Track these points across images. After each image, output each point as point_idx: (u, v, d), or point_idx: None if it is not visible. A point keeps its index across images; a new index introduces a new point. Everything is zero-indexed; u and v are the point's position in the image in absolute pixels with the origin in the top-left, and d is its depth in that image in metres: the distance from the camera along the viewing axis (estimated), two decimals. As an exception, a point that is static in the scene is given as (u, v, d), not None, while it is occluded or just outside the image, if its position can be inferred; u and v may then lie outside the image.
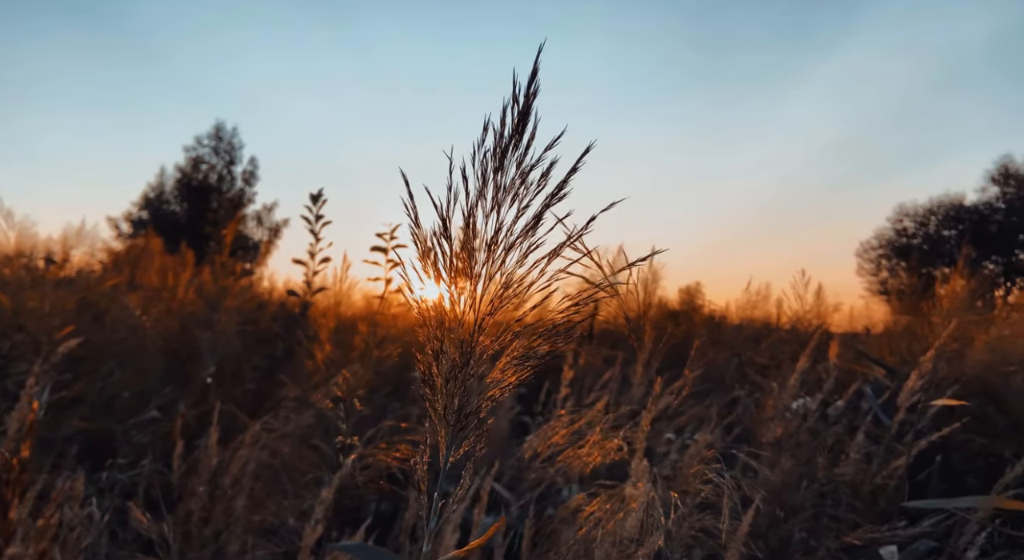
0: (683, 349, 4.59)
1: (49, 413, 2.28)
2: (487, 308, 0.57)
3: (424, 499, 0.57)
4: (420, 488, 0.56)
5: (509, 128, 0.59)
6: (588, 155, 0.59)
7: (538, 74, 0.60)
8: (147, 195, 17.69)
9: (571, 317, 0.62)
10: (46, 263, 5.90)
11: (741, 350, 3.07)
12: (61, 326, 2.41)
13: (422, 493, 0.56)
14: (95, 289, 3.21)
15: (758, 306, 4.46)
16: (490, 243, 0.57)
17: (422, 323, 0.56)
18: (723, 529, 1.00)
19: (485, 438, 0.59)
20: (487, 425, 0.57)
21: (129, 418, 2.26)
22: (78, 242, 6.33)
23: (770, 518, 1.64)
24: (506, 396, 0.58)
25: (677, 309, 6.56)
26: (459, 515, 1.66)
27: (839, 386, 3.01)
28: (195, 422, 2.33)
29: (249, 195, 18.02)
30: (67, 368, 2.62)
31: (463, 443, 0.58)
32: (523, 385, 2.14)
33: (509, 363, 0.58)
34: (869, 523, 1.58)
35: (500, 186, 0.59)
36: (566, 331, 0.59)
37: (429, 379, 0.56)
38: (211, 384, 2.54)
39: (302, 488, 1.61)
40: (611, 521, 0.98)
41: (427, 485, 0.56)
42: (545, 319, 0.61)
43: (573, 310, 0.61)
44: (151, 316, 2.73)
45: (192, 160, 17.91)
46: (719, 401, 3.19)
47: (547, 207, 0.60)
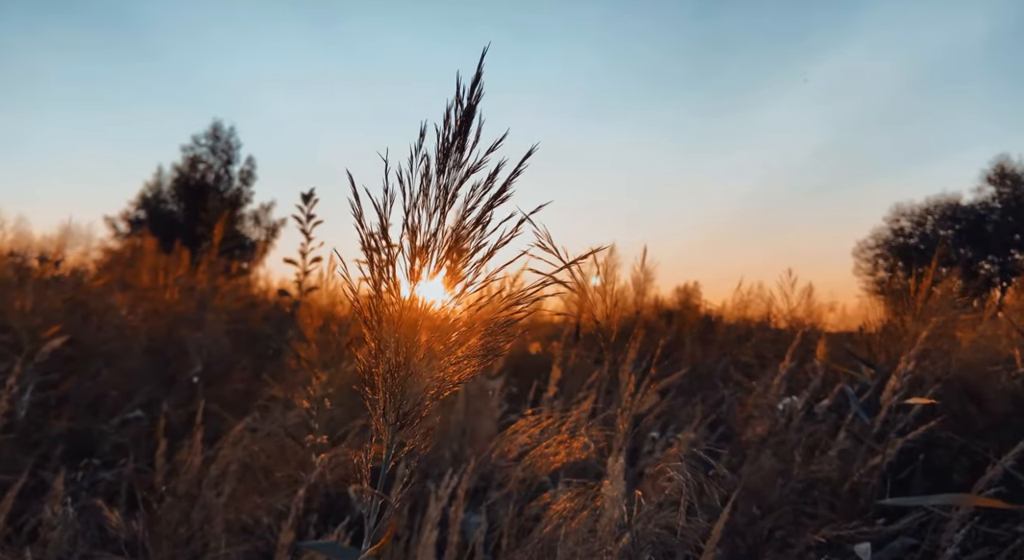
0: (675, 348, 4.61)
1: (35, 412, 2.29)
2: (427, 307, 0.58)
3: (367, 498, 0.57)
4: (364, 487, 0.57)
5: (452, 130, 0.60)
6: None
7: (482, 77, 0.60)
8: (144, 195, 17.70)
9: (513, 315, 0.63)
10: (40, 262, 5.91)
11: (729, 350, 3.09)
12: (47, 325, 2.42)
13: (365, 492, 0.57)
14: (84, 288, 3.22)
15: (750, 306, 4.48)
16: (430, 244, 0.58)
17: (362, 321, 0.57)
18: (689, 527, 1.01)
19: (430, 437, 0.60)
20: (431, 424, 0.58)
21: (114, 418, 2.26)
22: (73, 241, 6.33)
23: (748, 516, 1.65)
24: (446, 394, 0.59)
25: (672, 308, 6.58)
26: (438, 513, 1.67)
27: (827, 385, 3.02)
28: (181, 422, 2.33)
29: (247, 194, 18.04)
30: (55, 367, 2.62)
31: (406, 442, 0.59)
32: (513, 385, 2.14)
33: (450, 361, 0.59)
34: (847, 521, 1.59)
35: (442, 187, 0.60)
36: (506, 328, 0.60)
37: (369, 378, 0.57)
38: (198, 384, 2.54)
39: (280, 487, 1.61)
40: (576, 519, 0.99)
41: (368, 484, 0.57)
42: (489, 318, 0.62)
43: (515, 309, 0.61)
44: (138, 316, 2.73)
45: (190, 160, 17.92)
46: (708, 400, 3.20)
47: (489, 209, 0.60)
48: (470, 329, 0.60)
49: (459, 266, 0.59)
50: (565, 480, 1.37)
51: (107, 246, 10.77)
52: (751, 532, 1.63)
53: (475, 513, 2.21)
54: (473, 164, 0.60)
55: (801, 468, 1.75)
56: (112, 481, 2.02)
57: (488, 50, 0.60)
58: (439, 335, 0.59)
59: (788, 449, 1.90)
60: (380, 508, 0.57)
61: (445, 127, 0.60)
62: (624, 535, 1.01)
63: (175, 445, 1.99)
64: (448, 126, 0.60)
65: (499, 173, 0.61)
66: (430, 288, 0.59)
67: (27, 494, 1.82)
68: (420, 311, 0.58)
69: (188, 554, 1.51)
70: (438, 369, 0.58)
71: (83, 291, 3.21)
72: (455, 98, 0.60)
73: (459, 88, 0.60)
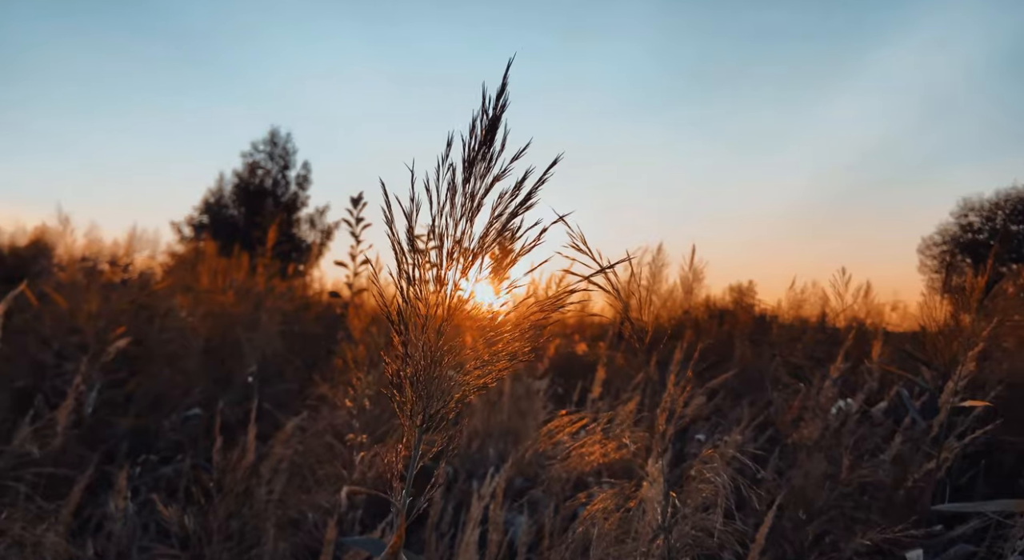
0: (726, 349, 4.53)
1: (102, 410, 2.41)
2: (454, 311, 0.60)
3: (398, 498, 0.60)
4: (392, 487, 0.59)
5: (478, 139, 0.62)
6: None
7: (507, 88, 0.62)
8: (207, 200, 18.37)
9: (541, 319, 0.64)
10: (111, 266, 6.21)
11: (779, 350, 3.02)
12: (113, 327, 2.55)
13: (396, 492, 0.59)
14: (148, 291, 3.37)
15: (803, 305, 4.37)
16: (455, 249, 0.60)
17: (390, 325, 0.59)
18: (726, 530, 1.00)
19: (458, 438, 0.61)
20: (460, 426, 0.59)
21: (174, 415, 2.37)
22: (140, 246, 6.64)
23: (794, 520, 1.62)
24: (471, 398, 0.60)
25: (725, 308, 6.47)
26: (480, 512, 1.69)
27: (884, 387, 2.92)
28: (237, 420, 2.42)
29: (302, 198, 18.55)
30: (121, 367, 2.76)
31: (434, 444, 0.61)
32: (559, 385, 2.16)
33: (476, 365, 0.61)
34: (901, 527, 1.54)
35: (468, 195, 0.61)
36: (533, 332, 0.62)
37: (397, 381, 0.59)
38: (252, 383, 2.64)
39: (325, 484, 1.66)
40: (610, 520, 0.99)
41: (396, 485, 0.59)
42: (516, 322, 0.63)
43: (542, 313, 0.63)
44: (197, 317, 2.85)
45: (249, 166, 18.52)
46: (758, 402, 3.14)
47: (514, 215, 0.62)
48: (497, 333, 0.61)
49: (485, 271, 0.61)
50: (603, 481, 1.38)
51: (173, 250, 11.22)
52: (798, 537, 1.60)
53: (518, 512, 2.23)
54: (498, 172, 0.62)
55: (851, 472, 1.70)
56: (172, 477, 2.12)
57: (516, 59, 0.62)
58: (466, 339, 0.60)
59: (838, 453, 1.86)
60: (408, 507, 0.59)
61: (471, 136, 0.61)
62: (659, 537, 1.01)
63: (230, 442, 2.08)
64: (474, 135, 0.61)
65: (526, 181, 0.63)
66: (457, 293, 0.61)
67: (94, 488, 1.93)
68: (447, 315, 0.60)
69: (239, 548, 1.58)
70: (463, 372, 0.60)
71: (147, 294, 3.36)
72: (480, 108, 0.62)
73: (484, 98, 0.62)
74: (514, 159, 0.62)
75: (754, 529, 1.87)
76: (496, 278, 0.61)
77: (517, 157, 0.61)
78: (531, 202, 0.62)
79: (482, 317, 0.61)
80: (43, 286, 2.98)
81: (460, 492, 2.25)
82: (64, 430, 1.90)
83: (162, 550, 1.48)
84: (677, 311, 4.26)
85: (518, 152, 0.62)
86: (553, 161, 0.61)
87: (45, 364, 2.48)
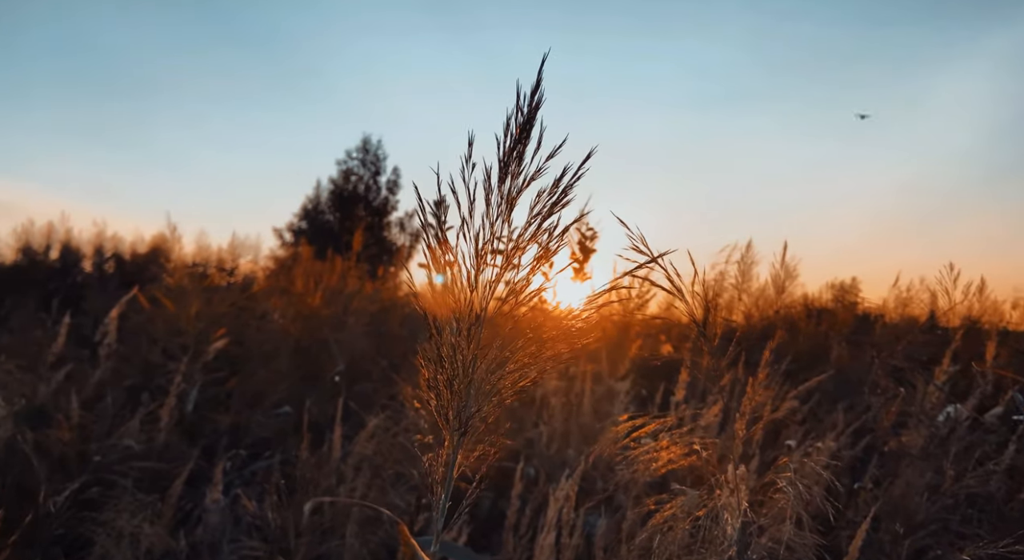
0: (822, 350, 4.29)
1: (204, 407, 2.57)
2: (490, 312, 0.59)
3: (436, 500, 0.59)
4: (432, 491, 0.59)
5: (513, 138, 0.60)
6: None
7: (542, 85, 0.60)
8: (306, 206, 19.29)
9: (583, 321, 0.62)
10: (217, 271, 6.63)
11: (878, 351, 2.82)
12: (214, 328, 2.71)
13: (434, 495, 0.59)
14: (247, 294, 3.57)
15: (909, 304, 4.08)
16: (487, 250, 0.59)
17: (425, 328, 0.59)
18: (803, 543, 0.94)
19: (500, 442, 0.61)
20: (501, 430, 0.58)
21: (265, 413, 2.49)
22: (244, 251, 7.05)
23: (891, 533, 1.50)
24: (508, 401, 0.59)
25: (823, 307, 6.15)
26: (556, 514, 1.68)
27: (1000, 391, 2.68)
28: (325, 418, 2.52)
29: (392, 203, 19.14)
30: (223, 366, 2.94)
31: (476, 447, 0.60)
32: (642, 387, 2.11)
33: (515, 368, 0.60)
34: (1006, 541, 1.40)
35: (504, 194, 0.60)
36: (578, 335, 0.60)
37: (434, 385, 0.59)
38: (340, 382, 2.74)
39: (400, 483, 1.70)
40: (677, 528, 0.95)
41: (436, 488, 0.59)
42: (557, 323, 0.62)
43: (582, 314, 0.61)
44: (288, 318, 2.99)
45: (343, 173, 19.31)
46: (857, 406, 2.96)
47: (550, 214, 0.60)
48: (534, 335, 0.60)
49: (523, 271, 0.60)
50: (679, 487, 1.33)
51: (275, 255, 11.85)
52: (895, 551, 1.49)
53: (598, 514, 2.20)
54: (533, 171, 0.60)
55: (956, 482, 1.56)
56: (264, 472, 2.23)
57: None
58: (502, 342, 0.59)
59: (943, 462, 1.71)
60: (446, 511, 0.59)
61: (505, 135, 0.60)
62: (732, 548, 0.96)
63: (317, 439, 2.16)
64: (508, 134, 0.60)
65: (563, 178, 0.61)
66: (492, 294, 0.60)
67: (194, 482, 2.06)
68: (482, 317, 0.59)
69: (323, 544, 1.63)
70: (500, 375, 0.59)
71: (246, 296, 3.56)
72: (515, 106, 0.60)
73: (519, 96, 0.60)
74: (549, 157, 0.60)
75: (847, 542, 1.76)
76: (531, 277, 0.60)
77: (553, 155, 0.60)
78: (567, 199, 0.60)
79: (520, 318, 0.60)
80: (154, 290, 3.21)
81: (540, 494, 2.24)
82: (167, 426, 2.03)
83: (249, 543, 1.56)
84: (768, 310, 4.08)
85: (554, 150, 0.60)
86: (587, 155, 0.59)
87: (153, 363, 2.68)
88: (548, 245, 0.61)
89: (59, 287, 5.66)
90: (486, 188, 0.60)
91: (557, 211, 0.60)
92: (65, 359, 2.61)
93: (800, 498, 0.92)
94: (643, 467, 1.05)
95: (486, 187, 0.60)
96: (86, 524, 1.55)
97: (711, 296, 1.33)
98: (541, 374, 0.59)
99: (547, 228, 0.61)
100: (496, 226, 0.60)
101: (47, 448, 1.91)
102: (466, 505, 0.60)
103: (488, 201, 0.60)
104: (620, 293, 3.47)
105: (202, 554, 1.59)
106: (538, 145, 0.61)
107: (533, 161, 0.61)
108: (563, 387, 2.89)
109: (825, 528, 1.12)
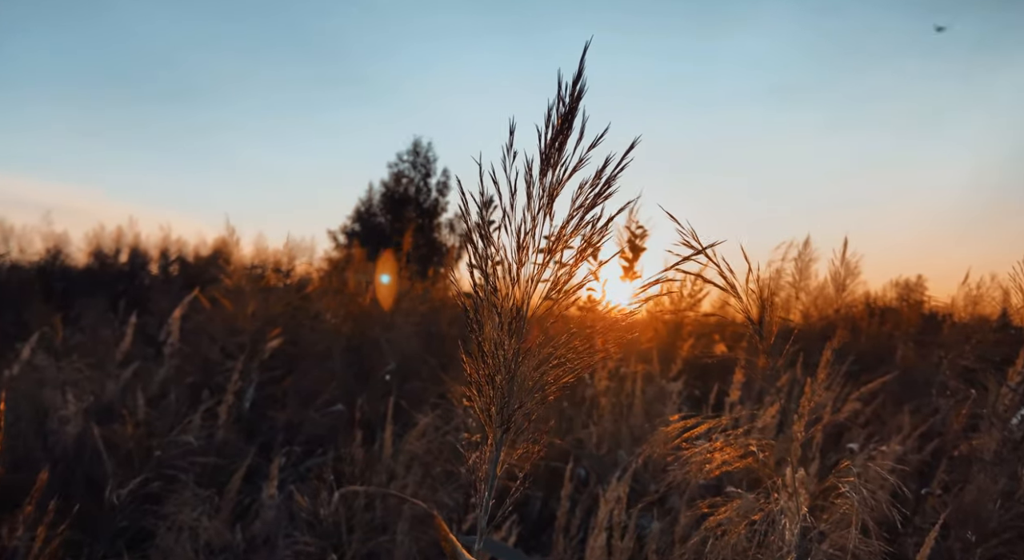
0: (885, 350, 4.12)
1: (261, 405, 2.65)
2: (532, 307, 0.58)
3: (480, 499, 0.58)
4: (476, 489, 0.58)
5: (554, 129, 0.59)
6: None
7: (584, 75, 0.59)
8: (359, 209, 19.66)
9: (630, 316, 0.60)
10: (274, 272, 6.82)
11: (946, 352, 2.68)
12: (270, 328, 2.79)
13: (478, 493, 0.58)
14: (301, 294, 3.65)
15: (979, 302, 3.88)
16: (529, 243, 0.58)
17: (467, 325, 0.58)
18: (867, 550, 0.89)
19: (542, 440, 0.59)
20: (545, 427, 0.57)
21: (319, 410, 2.54)
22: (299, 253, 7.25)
23: (962, 541, 1.42)
24: (551, 399, 0.58)
25: (887, 306, 5.92)
26: (607, 516, 1.66)
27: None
28: (377, 416, 2.56)
29: (442, 204, 19.32)
30: (279, 365, 3.01)
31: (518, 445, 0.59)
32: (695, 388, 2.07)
33: (557, 364, 0.58)
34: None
35: (545, 187, 0.59)
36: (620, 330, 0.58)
37: (476, 381, 0.58)
38: (390, 381, 2.77)
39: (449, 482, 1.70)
40: (731, 533, 0.92)
41: (479, 485, 0.58)
42: (603, 318, 0.60)
43: (623, 310, 0.59)
44: (340, 318, 3.04)
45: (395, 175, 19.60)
46: (923, 408, 2.83)
47: (592, 206, 0.59)
48: (578, 330, 0.58)
49: (563, 266, 0.58)
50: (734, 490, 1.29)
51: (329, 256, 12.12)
52: (966, 559, 1.41)
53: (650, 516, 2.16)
54: (575, 162, 0.59)
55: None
56: (318, 468, 2.27)
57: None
58: (544, 338, 0.58)
59: (1019, 467, 1.61)
60: (489, 509, 0.58)
61: (547, 126, 0.59)
62: (790, 555, 0.92)
63: (369, 437, 2.19)
64: (550, 125, 0.59)
65: (606, 168, 0.59)
66: (534, 289, 0.58)
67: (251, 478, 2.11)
68: (524, 312, 0.57)
69: (375, 540, 1.65)
70: (543, 371, 0.58)
71: (301, 297, 3.64)
72: (556, 96, 0.59)
73: (560, 86, 0.59)
74: (592, 147, 0.58)
75: (914, 550, 1.67)
76: (575, 272, 0.58)
77: (594, 145, 0.58)
78: (610, 191, 0.58)
79: (563, 313, 0.59)
80: (214, 291, 3.32)
81: (590, 495, 2.22)
82: (225, 423, 2.09)
83: (303, 539, 1.58)
84: (828, 309, 3.94)
85: (596, 139, 0.58)
86: (630, 146, 0.57)
87: (213, 361, 2.76)
88: (591, 238, 0.59)
89: (127, 289, 5.92)
90: (527, 180, 0.59)
91: (600, 203, 0.58)
92: (132, 357, 2.72)
93: (865, 503, 0.87)
94: (697, 468, 1.02)
95: (527, 179, 0.59)
96: (148, 517, 1.61)
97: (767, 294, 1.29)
98: (586, 370, 0.57)
99: (590, 220, 0.59)
100: (538, 219, 0.58)
101: (114, 443, 1.99)
102: (510, 503, 0.59)
103: (529, 193, 0.59)
104: (670, 289, 3.40)
105: (258, 549, 1.62)
106: (580, 135, 0.59)
107: (576, 152, 0.59)
108: (613, 387, 2.85)
109: (891, 535, 1.06)
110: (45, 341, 2.72)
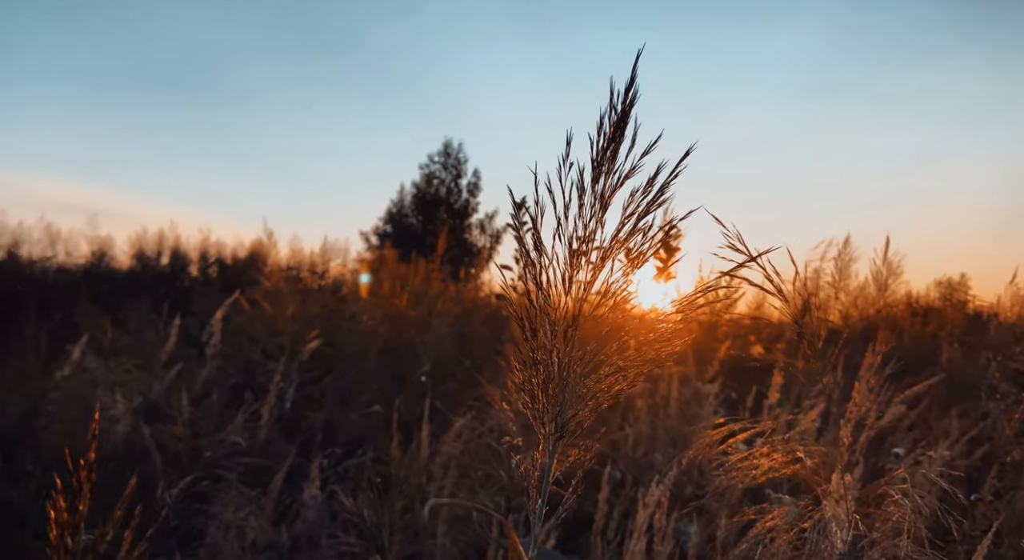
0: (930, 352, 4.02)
1: (301, 405, 2.69)
2: (584, 316, 0.58)
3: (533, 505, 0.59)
4: (528, 495, 0.58)
5: (607, 136, 0.59)
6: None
7: (636, 81, 0.59)
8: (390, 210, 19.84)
9: (676, 323, 0.60)
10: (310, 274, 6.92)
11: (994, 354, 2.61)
12: (309, 329, 2.83)
13: (530, 500, 0.58)
14: (337, 296, 3.70)
15: (1027, 301, 3.76)
16: (582, 250, 0.58)
17: (519, 332, 0.58)
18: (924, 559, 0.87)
19: (595, 448, 0.59)
20: (598, 434, 0.57)
21: (356, 411, 2.57)
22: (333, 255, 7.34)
23: (1016, 549, 1.38)
24: (605, 406, 0.58)
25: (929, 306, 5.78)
26: (646, 520, 1.65)
27: None
28: (413, 416, 2.58)
29: (473, 205, 19.40)
30: (317, 366, 3.06)
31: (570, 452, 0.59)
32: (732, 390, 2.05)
33: (610, 371, 0.58)
34: None
35: (597, 194, 0.59)
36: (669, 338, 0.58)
37: (529, 388, 0.58)
38: (426, 382, 2.79)
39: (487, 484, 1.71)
40: (779, 540, 0.91)
41: (532, 492, 0.58)
42: (651, 325, 0.60)
43: (677, 316, 0.59)
44: (375, 320, 3.07)
45: (426, 176, 19.74)
46: (972, 412, 2.75)
47: (645, 214, 0.58)
48: (629, 338, 0.58)
49: (616, 273, 0.58)
50: (778, 495, 1.27)
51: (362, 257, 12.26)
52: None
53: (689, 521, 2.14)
54: (627, 170, 0.59)
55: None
56: (357, 468, 2.30)
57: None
58: (596, 344, 0.58)
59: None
60: (542, 515, 0.58)
61: (599, 134, 0.59)
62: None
63: (406, 438, 2.21)
64: (602, 133, 0.59)
65: (658, 176, 0.59)
66: (587, 296, 0.58)
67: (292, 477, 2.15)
68: (578, 319, 0.58)
69: (415, 540, 1.67)
70: (596, 378, 0.58)
71: (337, 298, 3.69)
72: (608, 104, 0.59)
73: (613, 93, 0.59)
74: (644, 154, 0.58)
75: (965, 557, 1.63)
76: (627, 278, 0.58)
77: (647, 151, 0.58)
78: (663, 199, 0.58)
79: (615, 320, 0.59)
80: (253, 293, 3.39)
81: (626, 498, 2.21)
82: (267, 423, 2.13)
83: (346, 539, 1.61)
84: (869, 309, 3.86)
85: (648, 147, 0.58)
86: (685, 153, 0.57)
87: (254, 362, 2.82)
88: (642, 247, 0.59)
89: (169, 290, 6.07)
90: (579, 188, 0.59)
91: (653, 210, 0.58)
92: (176, 358, 2.78)
93: (917, 510, 0.85)
94: (741, 475, 1.01)
95: (579, 187, 0.59)
96: (198, 516, 1.65)
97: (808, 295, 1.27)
98: (638, 377, 0.57)
99: (641, 228, 0.59)
100: (590, 226, 0.59)
101: (162, 443, 2.04)
102: (563, 510, 0.59)
103: (581, 201, 0.59)
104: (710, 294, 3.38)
105: (302, 548, 1.65)
106: (632, 143, 0.59)
107: (628, 159, 0.59)
108: (649, 389, 2.83)
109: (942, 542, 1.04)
110: (94, 342, 2.80)
